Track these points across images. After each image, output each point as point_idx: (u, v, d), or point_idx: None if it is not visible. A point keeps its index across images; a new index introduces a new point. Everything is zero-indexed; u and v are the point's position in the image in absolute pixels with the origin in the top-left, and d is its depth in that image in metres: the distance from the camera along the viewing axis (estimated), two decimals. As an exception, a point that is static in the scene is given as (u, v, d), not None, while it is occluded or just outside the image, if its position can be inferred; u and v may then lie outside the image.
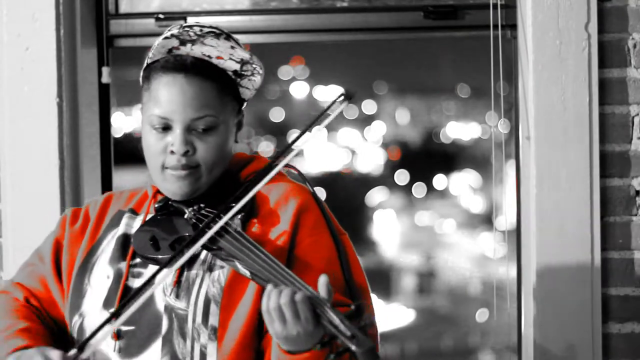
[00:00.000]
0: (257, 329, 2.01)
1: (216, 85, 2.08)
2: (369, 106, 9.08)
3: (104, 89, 2.97)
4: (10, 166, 2.84)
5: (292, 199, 2.10)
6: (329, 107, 2.01)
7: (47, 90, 2.84)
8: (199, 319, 2.01)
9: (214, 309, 2.01)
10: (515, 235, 2.87)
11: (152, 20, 2.93)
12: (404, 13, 2.91)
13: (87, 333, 2.05)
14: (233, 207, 1.98)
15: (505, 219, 2.90)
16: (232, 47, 2.08)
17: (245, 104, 2.18)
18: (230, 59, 2.09)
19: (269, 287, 1.87)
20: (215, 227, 1.96)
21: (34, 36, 2.83)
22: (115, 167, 3.04)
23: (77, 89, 2.92)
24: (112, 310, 2.04)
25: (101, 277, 2.10)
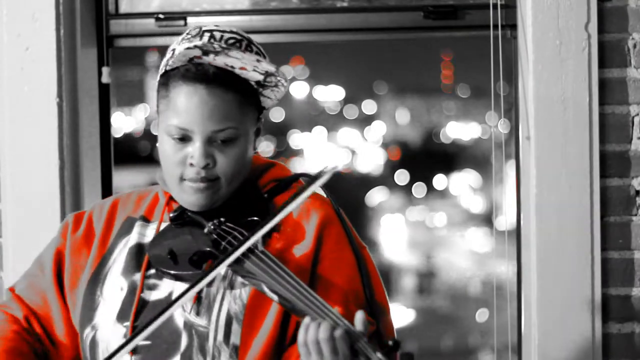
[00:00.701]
0: (278, 346, 1.98)
1: (238, 96, 2.02)
2: (369, 106, 9.08)
3: (104, 89, 2.97)
4: (10, 166, 2.84)
5: (313, 213, 2.05)
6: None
7: (47, 90, 2.84)
8: (220, 337, 1.97)
9: (235, 327, 1.97)
10: (515, 235, 2.87)
11: (152, 20, 2.93)
12: (404, 13, 2.91)
13: (100, 346, 2.02)
14: (259, 224, 1.94)
15: (505, 219, 2.90)
16: (258, 60, 2.02)
17: (264, 111, 2.13)
18: (254, 70, 2.03)
19: (307, 319, 1.83)
20: (242, 249, 1.91)
21: (34, 36, 2.83)
22: (115, 167, 3.03)
23: (77, 89, 2.92)
24: (126, 323, 2.00)
25: (114, 289, 2.05)
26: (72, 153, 2.90)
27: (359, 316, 1.82)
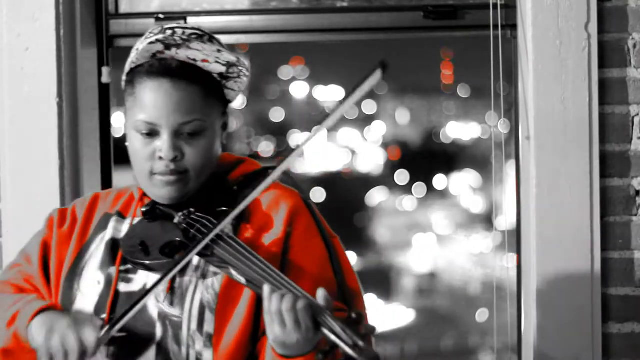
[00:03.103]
0: (252, 334, 2.01)
1: (202, 88, 2.06)
2: (369, 106, 9.08)
3: (104, 89, 2.97)
4: (10, 166, 2.84)
5: (283, 204, 2.08)
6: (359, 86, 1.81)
7: (47, 90, 2.84)
8: (193, 326, 2.01)
9: (208, 316, 2.01)
10: (515, 235, 2.87)
11: (152, 20, 2.93)
12: (404, 13, 2.91)
13: None
14: (228, 213, 1.97)
15: (505, 219, 2.90)
16: (219, 51, 2.06)
17: (230, 105, 2.17)
18: (216, 61, 2.07)
19: (268, 288, 1.86)
20: (211, 235, 1.95)
21: (34, 36, 2.83)
22: (115, 167, 3.03)
23: (77, 89, 2.92)
24: (103, 316, 2.03)
25: (92, 283, 2.08)
26: (72, 153, 2.90)
27: (320, 292, 1.85)
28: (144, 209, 2.09)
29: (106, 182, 2.98)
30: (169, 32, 2.06)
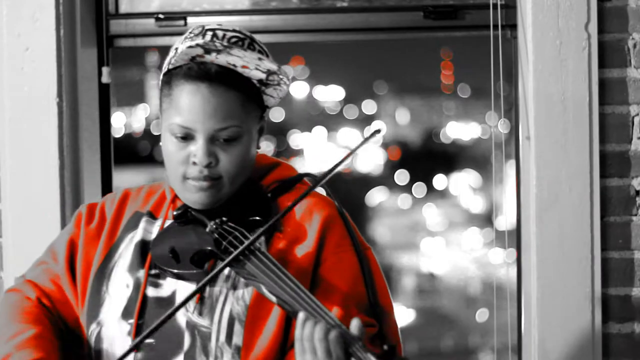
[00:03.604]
0: (281, 348, 1.98)
1: (240, 94, 2.02)
2: (369, 106, 9.08)
3: (104, 89, 2.97)
4: (10, 166, 2.84)
5: (316, 214, 2.05)
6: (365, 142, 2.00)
7: (47, 90, 2.84)
8: (222, 337, 1.97)
9: (238, 328, 1.97)
10: (515, 235, 2.87)
11: (152, 20, 2.94)
12: (404, 13, 2.91)
13: (105, 342, 2.02)
14: (261, 223, 1.94)
15: (505, 219, 2.90)
16: (260, 59, 2.03)
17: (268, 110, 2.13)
18: (257, 69, 2.03)
19: (302, 315, 1.83)
20: (241, 248, 1.91)
21: (34, 36, 2.83)
22: (115, 167, 3.04)
23: (77, 89, 2.92)
24: (131, 321, 2.01)
25: (120, 286, 2.05)
26: (72, 153, 2.90)
27: (355, 322, 1.80)
28: (175, 213, 2.06)
29: (106, 182, 2.98)
30: (209, 35, 2.02)
